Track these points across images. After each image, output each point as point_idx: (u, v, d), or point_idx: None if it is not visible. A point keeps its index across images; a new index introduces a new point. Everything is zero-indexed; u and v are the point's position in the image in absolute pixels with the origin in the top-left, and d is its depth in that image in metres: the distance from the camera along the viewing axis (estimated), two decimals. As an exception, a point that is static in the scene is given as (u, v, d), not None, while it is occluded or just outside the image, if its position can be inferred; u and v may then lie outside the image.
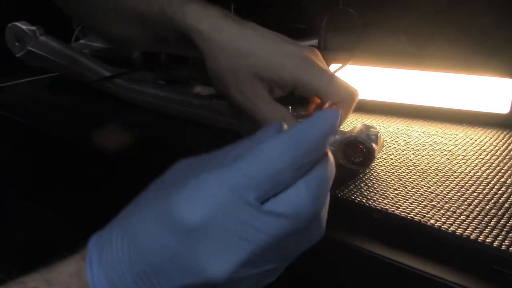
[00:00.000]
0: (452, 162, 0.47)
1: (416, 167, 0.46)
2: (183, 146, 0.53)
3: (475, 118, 0.58)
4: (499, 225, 0.36)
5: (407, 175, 0.44)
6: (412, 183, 0.43)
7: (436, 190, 0.42)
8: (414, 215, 0.37)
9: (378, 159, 0.48)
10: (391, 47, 0.66)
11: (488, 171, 0.45)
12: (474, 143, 0.52)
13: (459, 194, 0.41)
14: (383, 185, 0.43)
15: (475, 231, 0.35)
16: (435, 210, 0.38)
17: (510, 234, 0.35)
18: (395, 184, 0.43)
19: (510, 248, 0.33)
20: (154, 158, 0.52)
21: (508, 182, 0.43)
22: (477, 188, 0.42)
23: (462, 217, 0.37)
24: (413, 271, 0.33)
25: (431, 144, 0.52)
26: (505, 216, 0.37)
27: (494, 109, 0.57)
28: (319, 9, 0.61)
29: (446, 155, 0.49)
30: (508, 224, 0.36)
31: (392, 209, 0.38)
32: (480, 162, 0.47)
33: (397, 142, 0.52)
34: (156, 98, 0.61)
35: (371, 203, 0.39)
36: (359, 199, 0.40)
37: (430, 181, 0.43)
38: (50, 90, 0.73)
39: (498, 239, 0.34)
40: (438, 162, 0.47)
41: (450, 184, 0.43)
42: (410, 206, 0.39)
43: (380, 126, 0.57)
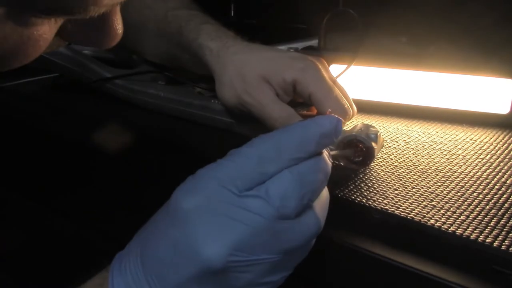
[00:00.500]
0: (452, 162, 0.47)
1: (416, 167, 0.46)
2: (183, 146, 0.53)
3: (475, 119, 0.58)
4: (499, 225, 0.36)
5: (407, 175, 0.44)
6: (412, 183, 0.43)
7: (436, 190, 0.42)
8: (414, 215, 0.37)
9: (378, 159, 0.48)
10: (391, 48, 0.66)
11: (488, 171, 0.45)
12: (474, 143, 0.52)
13: (459, 194, 0.41)
14: (383, 185, 0.43)
15: (475, 231, 0.35)
16: (435, 210, 0.38)
17: (510, 234, 0.35)
18: (395, 184, 0.43)
19: (510, 248, 0.33)
20: (154, 158, 0.52)
21: (508, 182, 0.43)
22: (477, 188, 0.42)
23: (462, 217, 0.37)
24: (413, 271, 0.33)
25: (431, 145, 0.52)
26: (505, 216, 0.37)
27: (494, 109, 0.57)
28: (319, 9, 0.61)
29: (446, 155, 0.49)
30: (508, 224, 0.36)
31: (392, 209, 0.38)
32: (480, 162, 0.47)
33: (397, 142, 0.52)
34: (156, 98, 0.61)
35: (371, 203, 0.39)
36: (359, 199, 0.40)
37: (430, 181, 0.43)
38: (50, 90, 0.73)
39: (498, 239, 0.34)
40: (438, 162, 0.47)
41: (450, 184, 0.43)
42: (410, 206, 0.39)
43: (380, 126, 0.57)
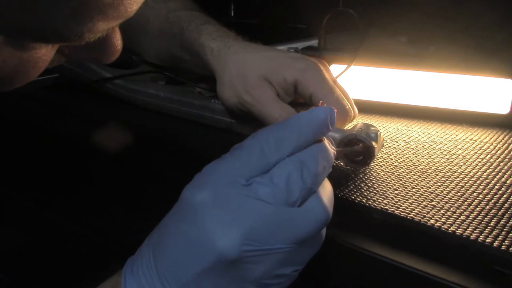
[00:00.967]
0: (452, 162, 0.47)
1: (416, 167, 0.46)
2: (183, 146, 0.53)
3: (475, 119, 0.58)
4: (499, 225, 0.36)
5: (407, 175, 0.44)
6: (412, 183, 0.43)
7: (436, 190, 0.42)
8: (414, 215, 0.37)
9: (378, 159, 0.48)
10: (391, 48, 0.66)
11: (488, 171, 0.45)
12: (474, 143, 0.52)
13: (459, 194, 0.41)
14: (383, 185, 0.43)
15: (475, 231, 0.35)
16: (435, 210, 0.38)
17: (510, 234, 0.35)
18: (395, 184, 0.43)
19: (510, 248, 0.33)
20: (154, 158, 0.52)
21: (508, 182, 0.43)
22: (477, 188, 0.42)
23: (462, 217, 0.37)
24: (413, 271, 0.33)
25: (431, 145, 0.52)
26: (505, 216, 0.37)
27: (494, 109, 0.57)
28: (319, 9, 0.61)
29: (446, 155, 0.49)
30: (508, 224, 0.36)
31: (392, 209, 0.38)
32: (480, 162, 0.47)
33: (397, 142, 0.52)
34: (156, 98, 0.61)
35: (371, 203, 0.39)
36: (359, 199, 0.40)
37: (430, 181, 0.43)
38: (50, 90, 0.73)
39: (498, 239, 0.34)
40: (438, 162, 0.47)
41: (450, 184, 0.43)
42: (410, 206, 0.39)
43: (380, 126, 0.57)
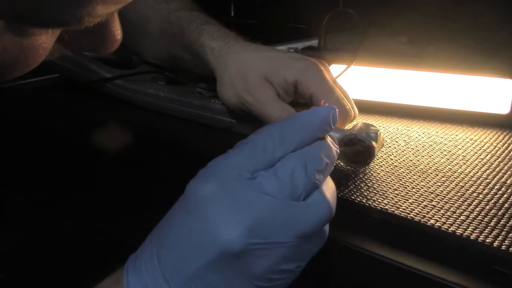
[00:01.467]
0: (452, 162, 0.47)
1: (416, 167, 0.46)
2: (183, 146, 0.53)
3: (475, 119, 0.58)
4: (499, 225, 0.36)
5: (407, 175, 0.44)
6: (412, 183, 0.43)
7: (436, 190, 0.42)
8: (414, 215, 0.37)
9: (378, 159, 0.48)
10: (391, 48, 0.66)
11: (488, 171, 0.45)
12: (474, 143, 0.52)
13: (459, 194, 0.41)
14: (383, 185, 0.43)
15: (475, 231, 0.35)
16: (435, 210, 0.38)
17: (510, 234, 0.35)
18: (395, 184, 0.43)
19: (510, 248, 0.33)
20: (154, 158, 0.52)
21: (508, 182, 0.43)
22: (477, 188, 0.42)
23: (462, 217, 0.37)
24: (413, 271, 0.33)
25: (431, 145, 0.52)
26: (505, 216, 0.37)
27: (494, 109, 0.57)
28: (319, 9, 0.61)
29: (446, 155, 0.49)
30: (508, 224, 0.36)
31: (392, 209, 0.38)
32: (480, 162, 0.47)
33: (397, 142, 0.52)
34: (156, 98, 0.61)
35: (371, 203, 0.39)
36: (359, 199, 0.40)
37: (430, 181, 0.43)
38: (50, 90, 0.73)
39: (498, 239, 0.34)
40: (438, 162, 0.47)
41: (450, 184, 0.43)
42: (410, 206, 0.39)
43: (380, 126, 0.57)
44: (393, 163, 0.47)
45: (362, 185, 0.43)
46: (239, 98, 0.50)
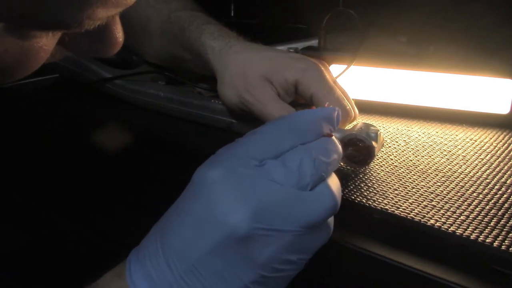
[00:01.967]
0: (452, 162, 0.47)
1: (416, 167, 0.46)
2: (183, 146, 0.53)
3: (475, 119, 0.58)
4: (499, 225, 0.36)
5: (407, 175, 0.44)
6: (412, 183, 0.43)
7: (436, 190, 0.42)
8: (414, 215, 0.37)
9: (378, 159, 0.48)
10: (391, 48, 0.66)
11: (488, 171, 0.45)
12: (474, 143, 0.52)
13: (459, 194, 0.41)
14: (383, 185, 0.43)
15: (475, 231, 0.35)
16: (435, 210, 0.38)
17: (510, 234, 0.35)
18: (395, 184, 0.43)
19: (510, 248, 0.33)
20: (154, 158, 0.52)
21: (508, 182, 0.43)
22: (477, 188, 0.42)
23: (462, 217, 0.37)
24: (413, 271, 0.33)
25: (431, 145, 0.52)
26: (505, 216, 0.37)
27: (494, 109, 0.57)
28: (319, 9, 0.61)
29: (446, 155, 0.49)
30: (508, 224, 0.36)
31: (392, 209, 0.38)
32: (480, 162, 0.47)
33: (397, 142, 0.52)
34: (156, 98, 0.61)
35: (371, 203, 0.39)
36: (359, 199, 0.40)
37: (430, 181, 0.43)
38: (50, 90, 0.73)
39: (498, 239, 0.34)
40: (438, 162, 0.47)
41: (450, 184, 0.43)
42: (410, 206, 0.39)
43: (380, 126, 0.57)
44: (393, 163, 0.47)
45: (362, 185, 0.43)
46: (240, 97, 0.50)
